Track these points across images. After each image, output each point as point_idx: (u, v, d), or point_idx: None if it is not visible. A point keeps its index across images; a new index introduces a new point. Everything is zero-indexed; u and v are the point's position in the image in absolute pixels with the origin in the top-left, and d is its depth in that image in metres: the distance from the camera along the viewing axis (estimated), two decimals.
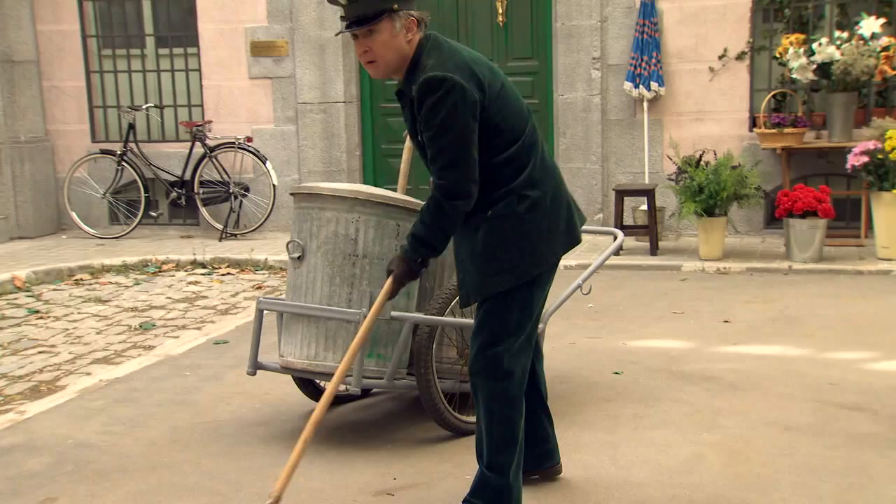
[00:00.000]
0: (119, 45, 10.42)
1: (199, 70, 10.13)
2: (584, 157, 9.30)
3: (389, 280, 3.59)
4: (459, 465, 4.22)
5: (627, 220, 8.94)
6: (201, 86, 10.13)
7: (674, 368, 5.53)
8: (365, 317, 4.27)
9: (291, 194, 4.69)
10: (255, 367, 4.72)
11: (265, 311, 4.73)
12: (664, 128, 9.12)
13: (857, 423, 4.65)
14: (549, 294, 3.82)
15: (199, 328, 6.81)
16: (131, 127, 9.95)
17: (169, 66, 10.29)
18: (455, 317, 4.54)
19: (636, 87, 8.92)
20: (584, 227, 3.86)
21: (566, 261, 8.29)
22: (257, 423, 4.87)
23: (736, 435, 4.51)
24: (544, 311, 5.10)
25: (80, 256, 9.14)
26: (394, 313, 4.38)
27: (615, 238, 5.22)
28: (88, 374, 5.86)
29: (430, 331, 4.46)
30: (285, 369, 4.63)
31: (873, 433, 4.50)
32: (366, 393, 5.17)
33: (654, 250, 8.39)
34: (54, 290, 8.21)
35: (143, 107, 10.11)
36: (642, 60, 8.88)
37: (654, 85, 8.88)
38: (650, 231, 8.40)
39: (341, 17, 3.45)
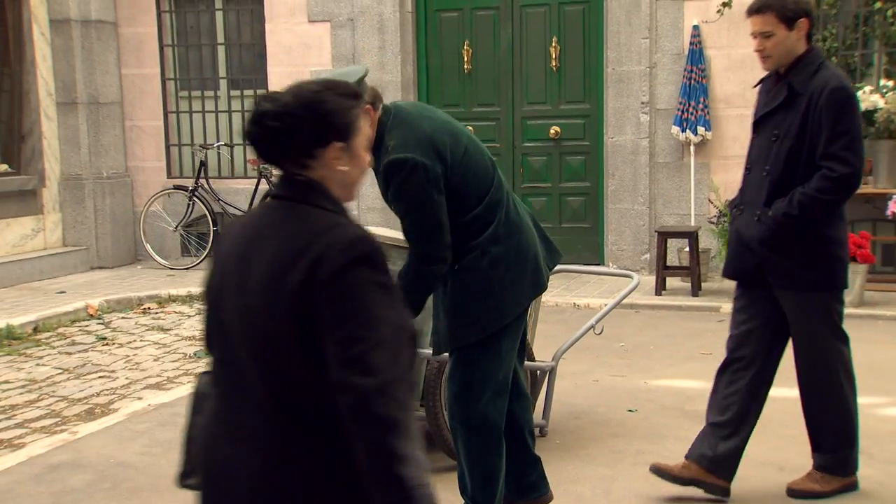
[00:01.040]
0: (195, 86, 11.03)
1: None
2: (632, 198, 9.53)
3: None
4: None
5: (673, 262, 9.13)
6: None
7: (687, 407, 5.75)
8: None
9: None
10: None
11: None
12: (711, 171, 9.32)
13: None
14: (562, 333, 4.12)
15: None
16: (202, 164, 10.51)
17: (240, 107, 10.84)
18: None
19: (683, 131, 9.15)
20: (601, 269, 4.16)
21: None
22: None
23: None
24: (556, 349, 5.41)
25: (150, 286, 9.69)
26: None
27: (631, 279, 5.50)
28: (140, 398, 6.31)
29: (439, 366, 4.77)
30: None
31: (865, 476, 4.66)
32: None
33: (695, 291, 8.57)
34: (123, 318, 8.75)
35: (215, 145, 10.67)
36: (689, 105, 9.11)
37: (700, 129, 9.09)
38: (691, 272, 8.60)
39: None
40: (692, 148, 9.23)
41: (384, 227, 5.51)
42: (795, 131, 4.03)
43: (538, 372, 5.21)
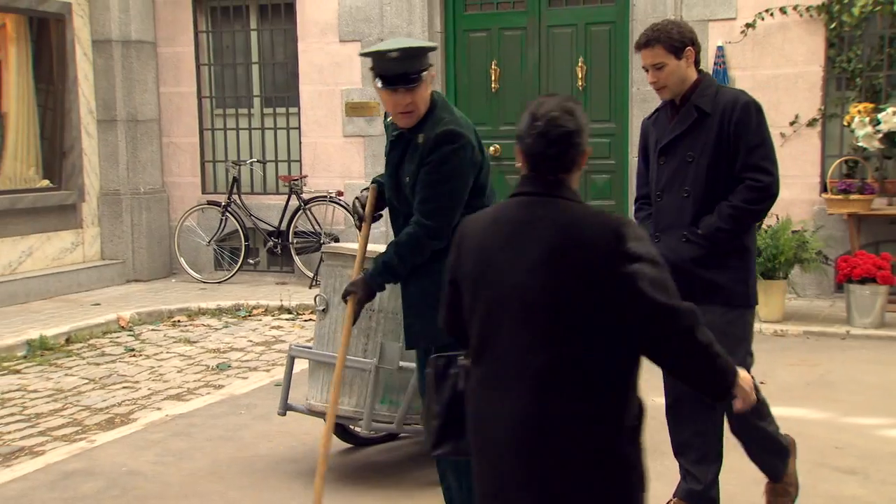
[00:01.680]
0: (229, 104, 11.28)
1: (298, 128, 10.87)
2: None
3: (352, 303, 3.94)
4: None
5: None
6: (300, 143, 10.87)
7: None
8: (376, 367, 4.78)
9: (322, 253, 5.23)
10: (286, 408, 5.25)
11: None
12: None
13: (844, 485, 4.86)
14: None
15: (267, 370, 7.39)
16: (235, 180, 10.75)
17: (272, 125, 11.08)
18: None
19: None
20: None
21: None
22: (289, 460, 5.38)
23: (721, 491, 4.77)
24: None
25: (181, 300, 9.92)
26: (402, 363, 4.84)
27: None
28: (159, 409, 6.50)
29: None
30: (310, 412, 5.14)
31: (856, 496, 4.72)
32: (394, 437, 5.62)
33: None
34: (153, 330, 8.97)
35: (248, 161, 10.91)
36: None
37: None
38: None
39: (380, 75, 3.76)
40: None
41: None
42: (711, 149, 4.08)
43: None
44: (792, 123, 9.15)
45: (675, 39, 4.08)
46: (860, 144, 8.58)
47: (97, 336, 8.70)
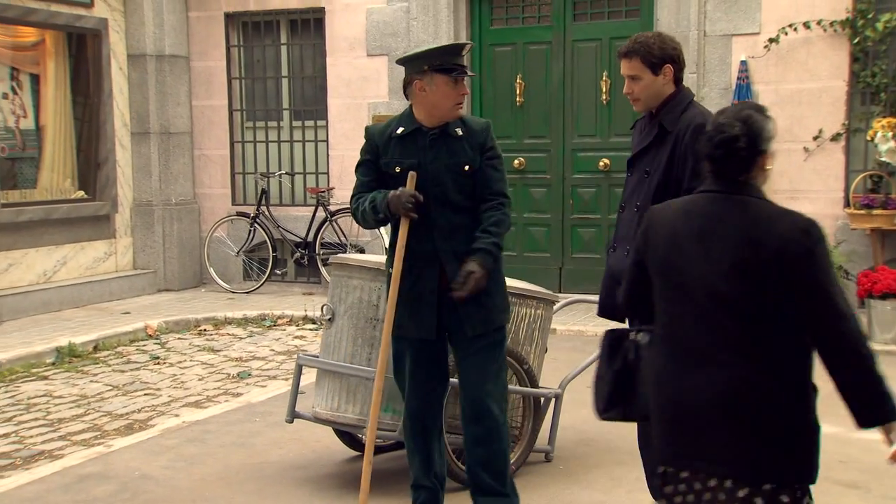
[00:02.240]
0: (259, 117, 11.47)
1: (326, 141, 11.03)
2: None
3: (483, 274, 4.17)
4: None
5: None
6: (328, 155, 11.02)
7: None
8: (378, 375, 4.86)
9: (329, 264, 5.34)
10: (293, 415, 5.35)
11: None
12: None
13: (845, 499, 4.87)
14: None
15: (287, 379, 7.50)
16: (264, 192, 10.92)
17: (301, 137, 11.24)
18: None
19: None
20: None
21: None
22: (298, 467, 5.48)
23: None
24: (563, 378, 5.56)
25: (209, 309, 10.09)
26: None
27: None
28: (177, 415, 6.64)
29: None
30: (316, 419, 5.24)
31: None
32: (402, 445, 5.69)
33: None
34: (179, 338, 9.14)
35: (276, 174, 11.08)
36: None
37: None
38: None
39: (458, 64, 4.21)
40: None
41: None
42: (663, 167, 4.14)
43: (542, 399, 5.36)
44: (815, 138, 9.14)
45: (654, 55, 4.13)
46: (884, 159, 8.55)
47: (124, 344, 8.89)
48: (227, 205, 11.50)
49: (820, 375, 2.92)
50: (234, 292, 10.94)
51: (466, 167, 4.26)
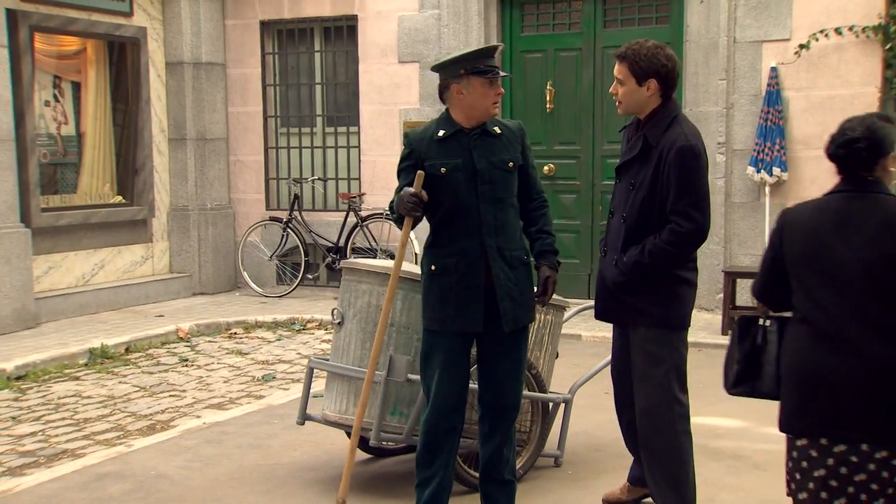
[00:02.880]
0: (293, 123, 11.62)
1: (358, 147, 11.14)
2: (708, 237, 9.53)
3: (556, 277, 4.53)
4: None
5: (747, 302, 9.11)
6: (359, 161, 11.13)
7: (711, 445, 5.83)
8: (386, 379, 4.93)
9: (339, 268, 5.42)
10: (304, 417, 5.44)
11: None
12: None
13: None
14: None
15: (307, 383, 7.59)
16: (297, 197, 11.06)
17: (333, 143, 11.37)
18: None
19: (758, 171, 9.15)
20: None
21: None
22: (309, 468, 5.57)
23: None
24: (573, 383, 5.59)
25: (241, 312, 10.23)
26: (411, 376, 4.98)
27: None
28: (198, 417, 6.76)
29: None
30: (325, 421, 5.32)
31: None
32: (413, 449, 5.75)
33: None
34: (209, 341, 9.29)
35: (309, 179, 11.22)
36: (765, 146, 9.12)
37: (776, 170, 9.08)
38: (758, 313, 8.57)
39: (492, 66, 4.34)
40: (767, 189, 9.23)
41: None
42: (648, 183, 4.24)
43: (550, 404, 5.39)
44: None
45: (640, 66, 4.26)
46: None
47: (156, 346, 9.05)
48: (261, 210, 11.66)
49: None
50: (266, 296, 11.08)
51: (510, 164, 4.42)
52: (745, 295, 9.15)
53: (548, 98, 10.35)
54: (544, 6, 10.45)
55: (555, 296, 5.56)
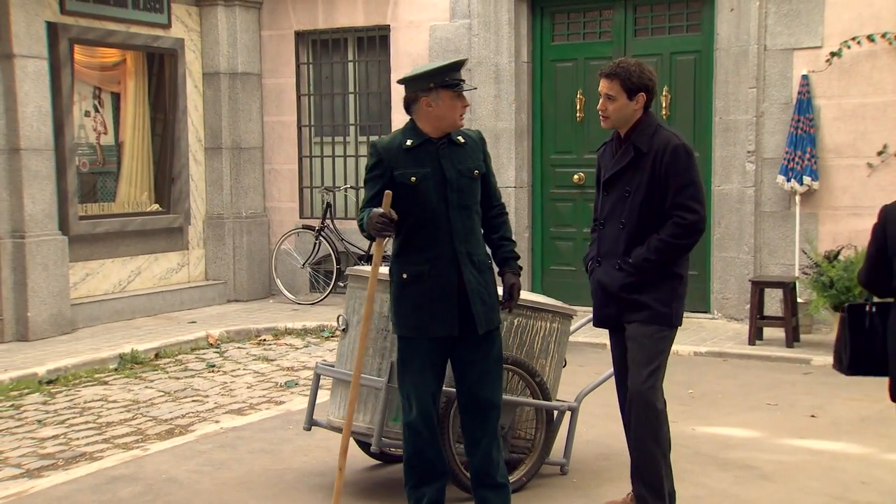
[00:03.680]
0: (326, 132, 11.74)
1: None
2: (738, 247, 9.49)
3: (519, 284, 4.64)
4: None
5: (778, 312, 9.00)
6: None
7: (720, 455, 5.78)
8: (387, 385, 4.97)
9: (346, 275, 5.48)
10: (310, 423, 5.50)
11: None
12: (819, 221, 9.17)
13: None
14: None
15: (329, 389, 7.64)
16: (329, 205, 11.16)
17: (366, 152, 11.44)
18: None
19: (789, 180, 9.05)
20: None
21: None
22: (317, 474, 5.62)
23: None
24: (579, 391, 5.58)
25: (272, 319, 10.34)
26: None
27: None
28: (217, 422, 6.84)
29: (447, 401, 5.04)
30: (330, 426, 5.37)
31: None
32: None
33: (790, 342, 8.46)
34: (238, 347, 9.40)
35: (341, 187, 11.31)
36: (796, 155, 9.02)
37: (806, 179, 8.98)
38: (785, 323, 8.50)
39: (459, 79, 4.45)
40: (797, 198, 9.13)
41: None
42: (645, 186, 4.44)
43: (555, 412, 5.38)
44: (880, 153, 8.94)
45: (633, 82, 4.46)
46: None
47: (185, 352, 9.18)
48: (295, 218, 11.78)
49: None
50: (299, 304, 11.18)
51: (476, 172, 4.56)
52: (773, 305, 9.06)
53: (578, 107, 10.34)
54: (574, 15, 10.45)
55: (561, 304, 5.59)
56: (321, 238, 11.10)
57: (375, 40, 11.31)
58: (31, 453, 6.27)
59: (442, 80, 4.43)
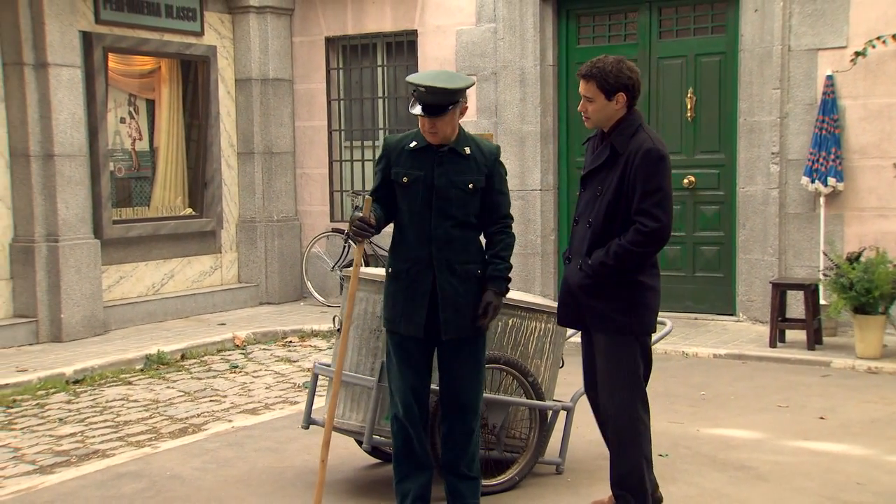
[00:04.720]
0: (356, 137, 11.86)
1: None
2: (762, 248, 9.41)
3: (500, 302, 4.65)
4: None
5: (800, 314, 8.91)
6: None
7: (719, 456, 5.76)
8: (378, 385, 5.04)
9: (342, 277, 5.56)
10: (309, 422, 5.58)
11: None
12: (845, 223, 9.06)
13: None
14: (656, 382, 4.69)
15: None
16: (357, 209, 11.23)
17: None
18: None
19: (813, 181, 8.96)
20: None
21: (692, 348, 8.60)
22: (315, 471, 5.65)
23: None
24: (575, 391, 5.61)
25: (300, 321, 10.47)
26: None
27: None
28: (230, 421, 6.96)
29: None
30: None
31: None
32: None
33: (811, 345, 8.37)
34: (263, 349, 9.54)
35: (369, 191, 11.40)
36: (820, 156, 8.92)
37: (831, 180, 8.88)
38: (807, 325, 8.41)
39: (422, 103, 4.44)
40: (822, 199, 9.03)
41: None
42: (614, 187, 4.36)
43: (549, 412, 5.40)
44: None
45: (609, 83, 4.39)
46: None
47: (211, 353, 9.33)
48: (325, 222, 11.91)
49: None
50: (329, 306, 11.30)
51: (471, 185, 4.58)
52: (798, 307, 8.97)
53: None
54: (600, 18, 10.44)
55: (555, 305, 5.60)
56: (350, 241, 11.21)
57: (403, 45, 11.40)
58: (47, 450, 6.44)
59: (414, 93, 4.52)
